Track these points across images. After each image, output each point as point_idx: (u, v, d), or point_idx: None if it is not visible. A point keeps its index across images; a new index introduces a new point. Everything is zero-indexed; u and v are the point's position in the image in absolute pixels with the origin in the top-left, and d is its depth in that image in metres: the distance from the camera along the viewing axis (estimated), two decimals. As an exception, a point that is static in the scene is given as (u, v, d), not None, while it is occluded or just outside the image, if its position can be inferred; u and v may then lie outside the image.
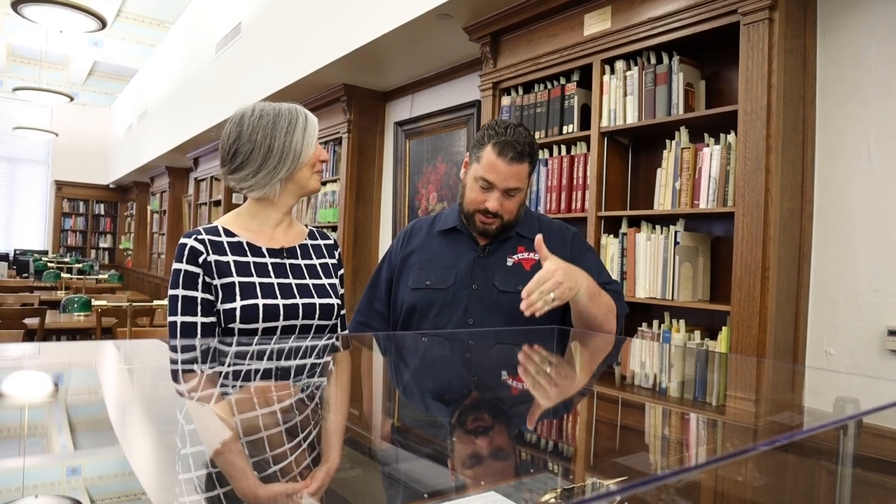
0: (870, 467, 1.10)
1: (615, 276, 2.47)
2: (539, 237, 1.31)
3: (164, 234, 9.38)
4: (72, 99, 8.09)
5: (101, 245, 12.41)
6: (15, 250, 11.03)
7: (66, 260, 8.93)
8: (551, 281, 1.25)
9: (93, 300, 3.39)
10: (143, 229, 11.07)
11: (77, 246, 12.07)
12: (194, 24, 7.04)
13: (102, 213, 12.42)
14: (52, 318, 4.42)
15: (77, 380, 0.93)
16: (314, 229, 1.47)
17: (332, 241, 1.46)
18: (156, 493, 0.53)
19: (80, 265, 7.46)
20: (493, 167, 1.41)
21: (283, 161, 1.28)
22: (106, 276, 6.95)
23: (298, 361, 1.11)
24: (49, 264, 7.83)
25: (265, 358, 1.11)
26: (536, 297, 1.23)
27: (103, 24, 4.88)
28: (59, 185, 11.78)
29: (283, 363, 1.09)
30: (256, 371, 1.03)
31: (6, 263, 8.55)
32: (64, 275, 6.62)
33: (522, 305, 1.24)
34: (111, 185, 12.20)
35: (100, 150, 12.04)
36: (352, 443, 0.72)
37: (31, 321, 4.09)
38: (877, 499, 1.18)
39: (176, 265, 1.26)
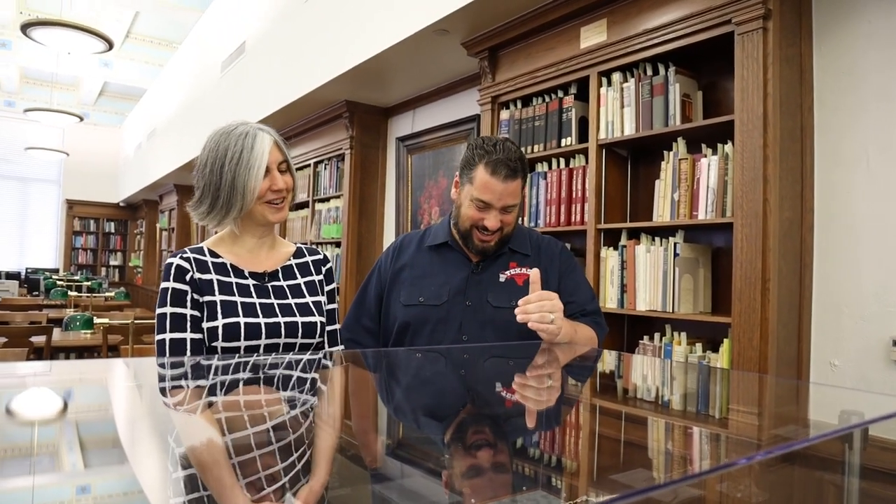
0: (877, 480, 1.08)
1: (615, 288, 2.45)
2: (536, 271, 1.33)
3: (172, 251, 9.44)
4: (82, 119, 8.22)
5: (112, 263, 12.53)
6: (26, 269, 11.16)
7: (76, 278, 9.01)
8: (553, 302, 1.26)
9: (95, 318, 3.40)
10: (152, 246, 11.16)
11: (88, 264, 12.19)
12: (201, 44, 7.14)
13: (113, 231, 12.55)
14: (59, 336, 4.46)
15: (87, 397, 0.93)
16: (303, 246, 1.43)
17: (320, 257, 1.43)
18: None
19: (90, 283, 7.52)
20: (487, 187, 1.39)
21: (233, 201, 1.22)
22: (113, 294, 6.99)
23: (285, 372, 1.10)
24: (58, 282, 7.89)
25: (254, 372, 1.10)
26: (534, 308, 1.24)
27: (110, 46, 4.96)
28: (71, 204, 11.93)
29: (272, 374, 1.08)
30: (245, 386, 1.02)
31: (17, 282, 8.65)
32: (73, 293, 6.67)
33: (517, 310, 1.25)
34: (121, 204, 12.34)
35: (110, 168, 12.21)
36: (345, 460, 0.71)
37: (38, 339, 4.12)
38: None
39: (164, 284, 1.25)
